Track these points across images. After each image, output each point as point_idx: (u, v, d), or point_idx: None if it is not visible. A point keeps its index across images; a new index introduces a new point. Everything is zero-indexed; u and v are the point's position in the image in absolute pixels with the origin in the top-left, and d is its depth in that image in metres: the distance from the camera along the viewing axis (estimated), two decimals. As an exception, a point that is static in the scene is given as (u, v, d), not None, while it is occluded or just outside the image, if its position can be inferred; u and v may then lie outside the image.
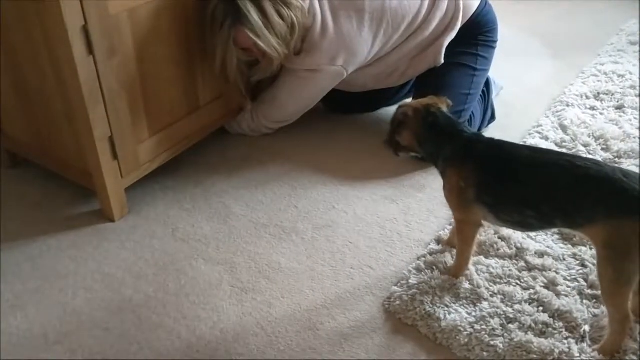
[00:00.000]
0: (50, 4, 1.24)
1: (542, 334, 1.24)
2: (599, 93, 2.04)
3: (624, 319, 1.13)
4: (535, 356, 1.19)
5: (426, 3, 1.70)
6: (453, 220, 1.39)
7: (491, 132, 1.91)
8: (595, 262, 1.31)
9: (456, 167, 1.24)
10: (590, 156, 1.74)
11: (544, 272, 1.37)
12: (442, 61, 1.75)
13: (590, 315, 1.27)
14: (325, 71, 1.65)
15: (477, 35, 1.80)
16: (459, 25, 1.75)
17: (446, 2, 1.72)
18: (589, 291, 1.32)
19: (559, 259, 1.41)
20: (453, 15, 1.74)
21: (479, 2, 1.80)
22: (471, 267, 1.38)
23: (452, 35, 1.75)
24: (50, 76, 1.40)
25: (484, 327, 1.25)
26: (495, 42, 1.86)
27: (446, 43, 1.75)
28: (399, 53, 1.74)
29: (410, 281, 1.36)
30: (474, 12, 1.78)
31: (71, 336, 1.27)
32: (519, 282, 1.35)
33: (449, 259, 1.40)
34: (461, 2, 1.74)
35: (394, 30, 1.68)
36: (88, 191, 1.58)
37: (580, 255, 1.42)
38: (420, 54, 1.76)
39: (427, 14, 1.71)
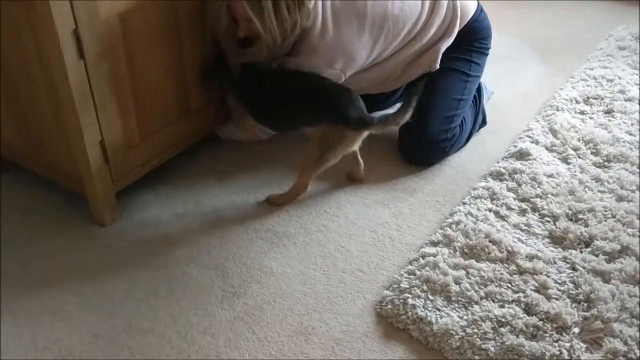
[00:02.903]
0: (40, 8, 1.24)
1: (533, 337, 1.24)
2: (588, 97, 2.06)
3: (302, 188, 1.61)
4: (526, 359, 1.20)
5: (426, 10, 1.70)
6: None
7: (482, 136, 1.92)
8: (584, 265, 1.38)
9: (232, 95, 1.69)
10: (580, 160, 1.76)
11: (535, 276, 1.38)
12: (437, 67, 1.76)
13: (581, 319, 1.28)
14: (323, 73, 1.64)
15: (472, 41, 1.81)
16: (456, 31, 1.75)
17: (444, 8, 1.73)
18: (580, 295, 1.33)
19: (549, 263, 1.42)
20: (450, 22, 1.74)
21: (475, 8, 1.81)
22: (462, 270, 1.38)
23: (449, 41, 1.75)
24: (41, 80, 1.40)
25: (475, 330, 1.25)
26: (488, 49, 1.87)
27: (443, 49, 1.75)
28: (396, 59, 1.74)
29: (401, 285, 1.36)
30: (470, 19, 1.79)
31: (61, 342, 1.26)
32: (510, 286, 1.36)
33: (442, 262, 1.41)
34: (459, 9, 1.74)
35: (394, 36, 1.68)
36: (79, 196, 1.57)
37: (570, 259, 1.42)
38: (416, 59, 1.76)
39: (426, 21, 1.71)
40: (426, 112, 1.74)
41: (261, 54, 1.57)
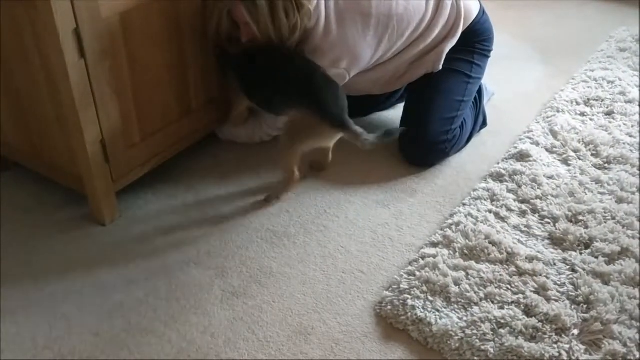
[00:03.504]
0: (41, 7, 1.24)
1: (532, 338, 1.24)
2: (588, 99, 2.06)
3: (290, 179, 1.60)
4: (525, 361, 1.20)
5: (430, 10, 1.70)
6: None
7: (483, 137, 1.92)
8: (584, 266, 1.39)
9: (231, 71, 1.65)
10: (580, 161, 1.76)
11: (535, 277, 1.38)
12: (440, 67, 1.76)
13: (580, 320, 1.28)
14: (328, 72, 1.64)
15: (474, 43, 1.81)
16: (459, 32, 1.75)
17: (448, 9, 1.73)
18: (579, 297, 1.33)
19: (549, 264, 1.42)
20: (454, 22, 1.74)
21: (478, 10, 1.81)
22: (461, 272, 1.38)
23: (453, 42, 1.75)
24: (42, 79, 1.40)
25: (474, 331, 1.25)
26: (490, 51, 1.87)
27: (447, 50, 1.75)
28: (400, 59, 1.74)
29: (401, 286, 1.36)
30: (473, 20, 1.79)
31: (60, 341, 1.26)
32: (509, 287, 1.36)
33: (441, 263, 1.40)
34: (463, 10, 1.75)
35: (399, 36, 1.67)
36: (79, 195, 1.57)
37: (570, 260, 1.42)
38: (420, 59, 1.76)
39: (430, 21, 1.71)
40: (427, 112, 1.74)
41: None
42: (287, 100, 1.56)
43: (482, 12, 1.83)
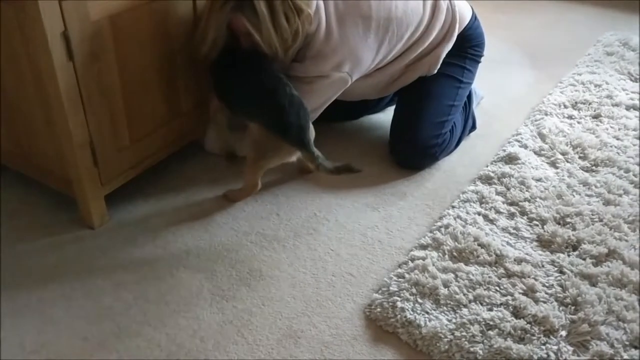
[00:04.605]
0: (29, 10, 1.23)
1: (521, 340, 1.25)
2: (576, 102, 2.08)
3: (251, 187, 1.63)
4: (514, 362, 1.21)
5: (427, 13, 1.71)
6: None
7: (472, 140, 1.93)
8: (572, 268, 1.40)
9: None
10: (568, 164, 1.77)
11: (523, 279, 1.39)
12: (435, 71, 1.77)
13: (568, 322, 1.29)
14: (331, 77, 1.63)
15: (467, 48, 1.82)
16: (455, 35, 1.76)
17: (444, 13, 1.74)
18: (567, 298, 1.34)
19: (537, 266, 1.43)
20: (450, 26, 1.75)
21: (470, 15, 1.83)
22: (450, 274, 1.39)
23: (449, 46, 1.76)
24: (30, 82, 1.39)
25: (464, 333, 1.26)
26: (481, 56, 1.88)
27: (444, 54, 1.76)
28: (399, 63, 1.75)
29: (391, 288, 1.37)
30: (466, 25, 1.80)
31: (49, 345, 1.25)
32: (498, 289, 1.36)
33: (430, 265, 1.41)
34: (457, 13, 1.76)
35: (398, 39, 1.68)
36: (68, 198, 1.56)
37: (558, 262, 1.44)
38: (416, 62, 1.77)
39: (427, 24, 1.71)
40: (418, 116, 1.75)
41: None
42: (249, 112, 1.55)
43: (474, 18, 1.84)
